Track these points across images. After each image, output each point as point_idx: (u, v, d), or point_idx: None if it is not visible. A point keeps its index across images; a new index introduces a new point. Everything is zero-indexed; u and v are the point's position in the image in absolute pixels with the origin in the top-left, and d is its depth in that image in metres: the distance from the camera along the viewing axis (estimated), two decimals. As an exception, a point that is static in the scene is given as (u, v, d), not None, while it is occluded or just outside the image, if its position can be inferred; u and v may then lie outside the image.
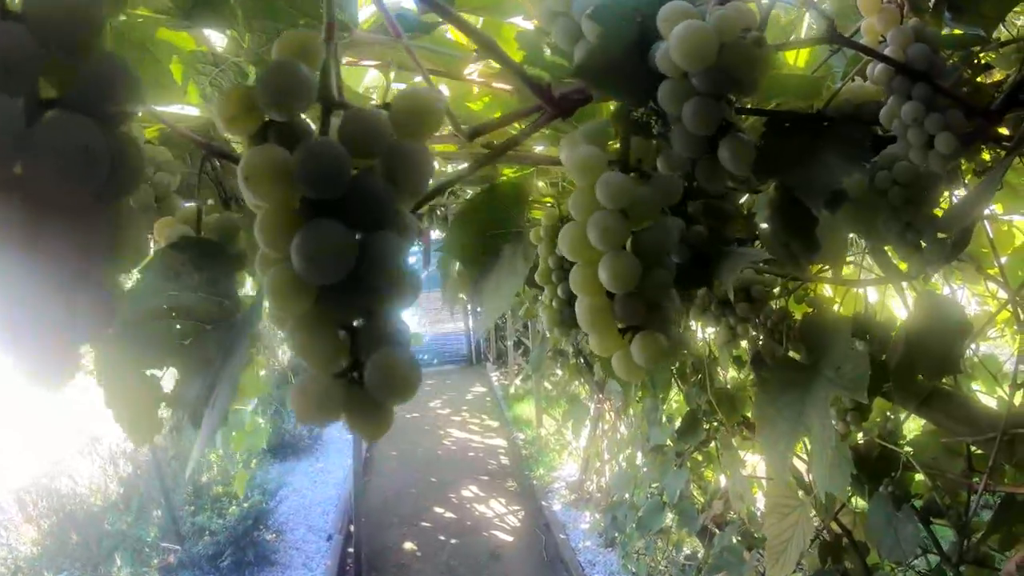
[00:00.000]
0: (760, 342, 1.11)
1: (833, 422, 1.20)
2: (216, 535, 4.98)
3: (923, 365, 1.02)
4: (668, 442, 2.36)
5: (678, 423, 2.23)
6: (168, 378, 0.64)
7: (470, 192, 1.72)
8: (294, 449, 7.30)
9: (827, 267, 1.17)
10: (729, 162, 0.62)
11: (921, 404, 1.25)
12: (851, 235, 1.08)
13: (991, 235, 1.42)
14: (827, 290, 1.43)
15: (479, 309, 1.11)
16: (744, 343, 1.34)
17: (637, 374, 0.56)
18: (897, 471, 1.30)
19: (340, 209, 0.38)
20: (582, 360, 3.74)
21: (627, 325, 0.57)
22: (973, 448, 1.29)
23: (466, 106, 1.21)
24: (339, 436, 7.34)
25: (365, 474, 6.65)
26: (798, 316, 1.11)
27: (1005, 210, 1.66)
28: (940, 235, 0.81)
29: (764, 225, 0.90)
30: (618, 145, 0.64)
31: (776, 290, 1.17)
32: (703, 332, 2.15)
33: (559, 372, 4.54)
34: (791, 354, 1.02)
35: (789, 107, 0.88)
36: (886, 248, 0.99)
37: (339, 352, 0.39)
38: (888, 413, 1.37)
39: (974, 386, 1.75)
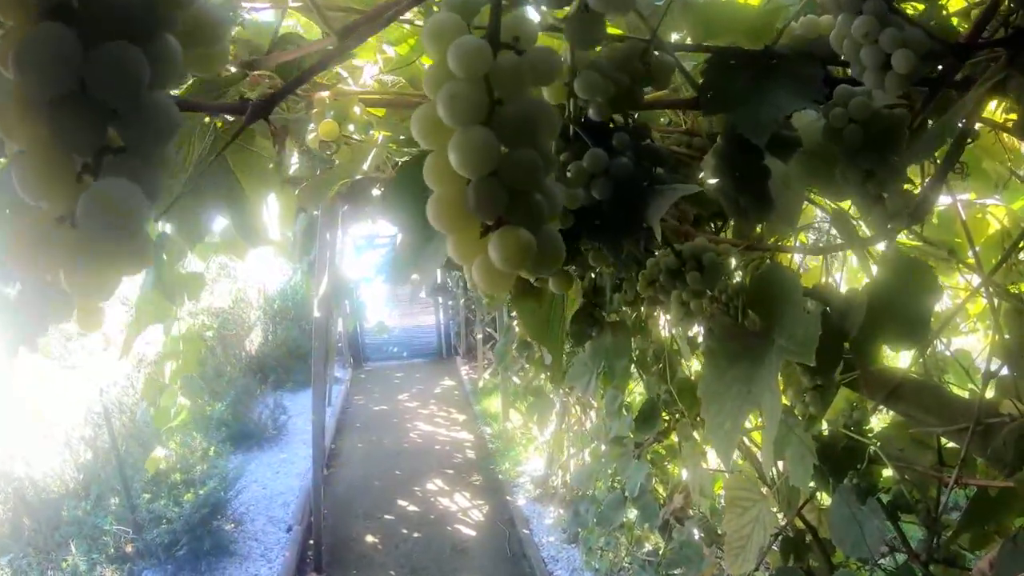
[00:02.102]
0: (711, 316, 1.03)
1: (791, 403, 1.12)
2: (172, 523, 4.86)
3: (888, 330, 0.92)
4: (628, 434, 2.28)
5: (636, 416, 2.16)
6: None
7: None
8: (257, 439, 7.18)
9: (781, 234, 1.09)
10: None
11: (890, 395, 1.19)
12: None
13: (964, 221, 1.36)
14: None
15: (415, 277, 1.03)
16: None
17: (499, 282, 0.44)
18: (863, 463, 1.23)
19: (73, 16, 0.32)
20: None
21: (486, 220, 0.44)
22: (944, 440, 1.23)
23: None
24: (304, 427, 7.24)
25: (330, 466, 6.58)
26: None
27: (978, 195, 1.60)
28: (905, 187, 0.73)
29: (712, 181, 0.82)
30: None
31: (732, 263, 1.09)
32: (664, 320, 2.09)
33: (527, 366, 4.48)
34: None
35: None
36: (845, 209, 0.92)
37: (70, 189, 0.32)
38: (853, 402, 1.30)
39: (946, 381, 1.69)
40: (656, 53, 0.69)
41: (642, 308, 1.85)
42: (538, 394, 4.62)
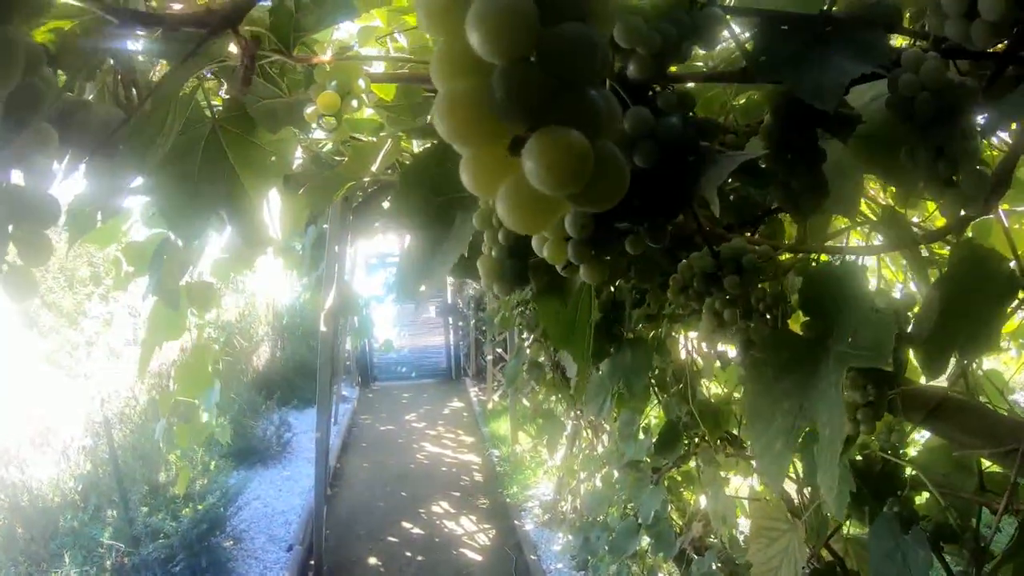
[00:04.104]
0: (750, 328, 0.93)
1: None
2: (170, 538, 4.76)
3: (961, 335, 0.81)
4: (645, 458, 2.18)
5: (656, 439, 2.05)
6: None
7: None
8: (262, 456, 7.09)
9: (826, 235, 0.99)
10: None
11: (929, 415, 1.09)
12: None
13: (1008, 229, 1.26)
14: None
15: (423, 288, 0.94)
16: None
17: (537, 214, 0.31)
18: (904, 489, 1.13)
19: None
20: (559, 374, 3.58)
21: (519, 123, 0.31)
22: (986, 463, 1.14)
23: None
24: (309, 446, 7.15)
25: (334, 485, 6.47)
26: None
27: (1010, 204, 1.52)
28: (978, 167, 0.63)
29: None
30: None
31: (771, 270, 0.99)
32: (685, 339, 1.99)
33: (536, 388, 4.38)
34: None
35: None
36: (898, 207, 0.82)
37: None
38: (891, 424, 1.20)
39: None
40: (705, 4, 0.60)
41: (662, 325, 1.76)
42: (548, 416, 4.51)
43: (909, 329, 0.83)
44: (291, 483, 6.66)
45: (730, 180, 1.23)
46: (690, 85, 0.78)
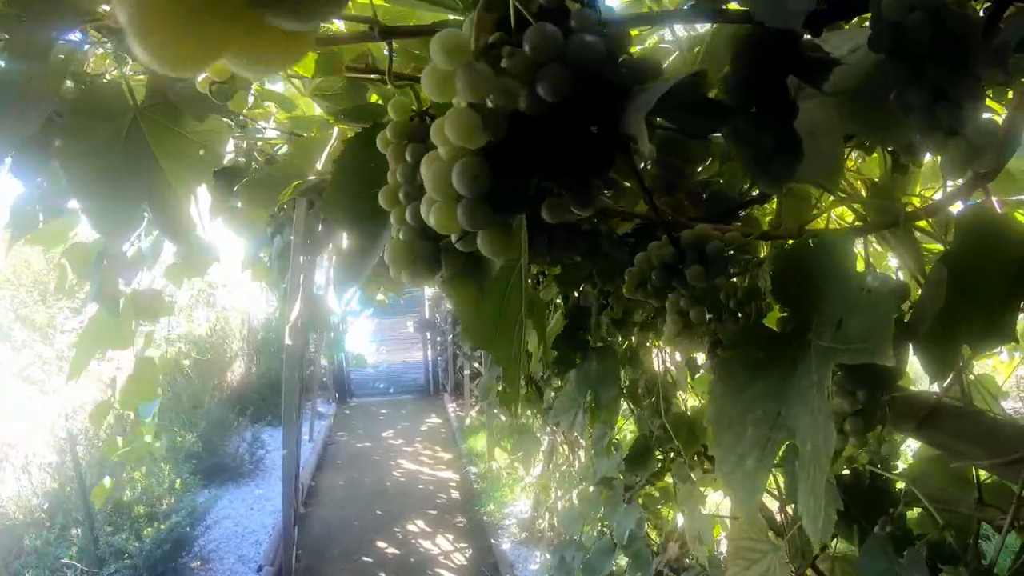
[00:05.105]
0: (720, 326, 0.82)
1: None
2: (134, 558, 4.60)
3: (971, 323, 0.67)
4: (618, 475, 2.07)
5: (626, 454, 1.95)
6: None
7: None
8: (233, 473, 6.93)
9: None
10: None
11: (922, 423, 0.99)
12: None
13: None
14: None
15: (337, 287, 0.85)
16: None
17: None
18: (896, 506, 1.03)
19: None
20: (533, 388, 3.46)
21: None
22: (985, 475, 1.03)
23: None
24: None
25: (308, 504, 6.32)
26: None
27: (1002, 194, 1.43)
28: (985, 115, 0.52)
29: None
30: None
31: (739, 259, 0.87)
32: (659, 349, 1.89)
33: (512, 402, 4.26)
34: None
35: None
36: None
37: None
38: (879, 434, 1.10)
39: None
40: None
41: (634, 333, 1.65)
42: (524, 432, 4.39)
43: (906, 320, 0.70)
44: (263, 501, 6.50)
45: (700, 170, 1.14)
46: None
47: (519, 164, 0.49)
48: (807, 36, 0.55)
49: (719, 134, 0.80)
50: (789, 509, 1.53)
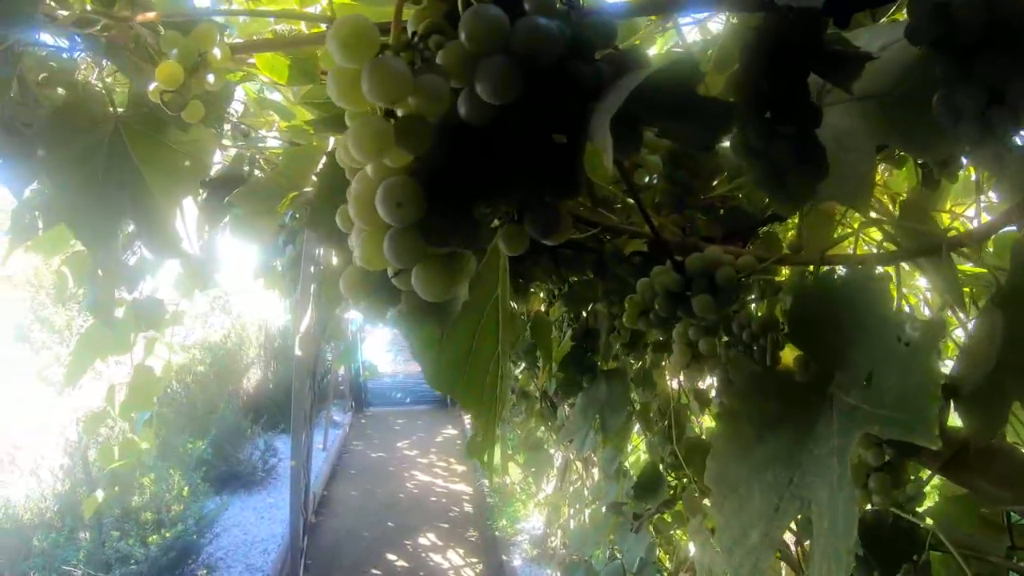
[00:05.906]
0: (729, 359, 0.74)
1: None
2: (140, 564, 4.55)
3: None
4: (628, 501, 1.99)
5: (636, 482, 1.87)
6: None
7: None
8: (245, 481, 6.89)
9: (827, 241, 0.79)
10: None
11: (950, 461, 0.90)
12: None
13: None
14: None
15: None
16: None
17: None
18: (921, 552, 0.94)
19: None
20: (547, 404, 3.39)
21: None
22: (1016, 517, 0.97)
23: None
24: (296, 471, 6.97)
25: (320, 513, 6.28)
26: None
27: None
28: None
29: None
30: None
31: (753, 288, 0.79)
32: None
33: (525, 418, 4.19)
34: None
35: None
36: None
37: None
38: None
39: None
40: None
41: (647, 355, 1.57)
42: (536, 448, 4.31)
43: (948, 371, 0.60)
44: (274, 510, 6.45)
45: (715, 184, 1.06)
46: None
47: (459, 185, 0.40)
48: (830, 29, 0.46)
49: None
50: (806, 544, 1.45)
